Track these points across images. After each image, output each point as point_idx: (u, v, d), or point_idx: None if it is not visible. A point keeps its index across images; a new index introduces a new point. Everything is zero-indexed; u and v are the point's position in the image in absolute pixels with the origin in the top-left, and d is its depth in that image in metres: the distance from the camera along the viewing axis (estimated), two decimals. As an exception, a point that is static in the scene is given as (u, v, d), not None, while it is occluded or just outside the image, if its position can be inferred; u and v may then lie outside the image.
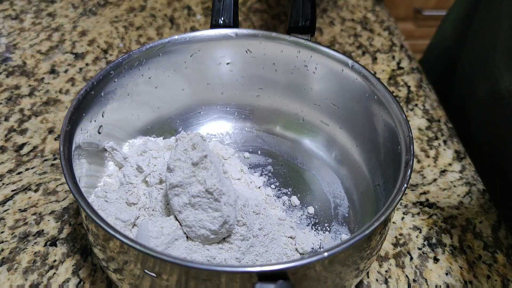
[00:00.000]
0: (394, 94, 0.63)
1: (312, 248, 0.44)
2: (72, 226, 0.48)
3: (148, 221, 0.40)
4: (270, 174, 0.51)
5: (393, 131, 0.42)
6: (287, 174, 0.51)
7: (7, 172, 0.52)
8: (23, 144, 0.55)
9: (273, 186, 0.50)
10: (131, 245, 0.32)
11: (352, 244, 0.33)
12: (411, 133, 0.40)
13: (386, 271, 0.46)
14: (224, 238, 0.40)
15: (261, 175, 0.51)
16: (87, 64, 0.65)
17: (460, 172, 0.55)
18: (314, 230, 0.46)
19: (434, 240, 0.48)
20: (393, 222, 0.49)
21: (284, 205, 0.48)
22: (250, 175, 0.49)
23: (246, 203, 0.41)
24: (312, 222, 0.47)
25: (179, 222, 0.40)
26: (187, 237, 0.40)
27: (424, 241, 0.48)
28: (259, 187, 0.48)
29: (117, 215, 0.41)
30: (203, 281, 0.33)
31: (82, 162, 0.42)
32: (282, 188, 0.49)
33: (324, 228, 0.46)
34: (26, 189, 0.50)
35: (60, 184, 0.51)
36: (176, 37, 0.47)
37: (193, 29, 0.72)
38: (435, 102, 0.63)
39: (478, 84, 0.59)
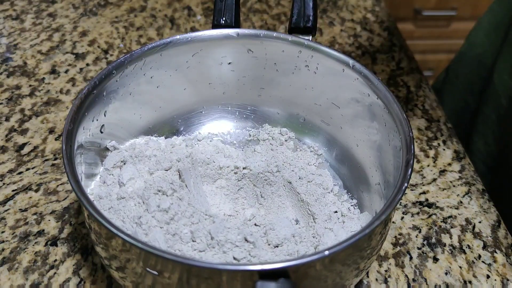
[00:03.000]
0: (393, 94, 0.63)
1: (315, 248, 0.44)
2: (72, 226, 0.48)
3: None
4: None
5: (393, 131, 0.42)
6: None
7: (7, 172, 0.52)
8: (24, 144, 0.55)
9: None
10: (134, 243, 0.32)
11: (353, 243, 0.33)
12: (412, 133, 0.40)
13: (385, 271, 0.46)
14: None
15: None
16: (87, 65, 0.65)
17: (460, 172, 0.55)
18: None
19: (433, 240, 0.49)
20: (393, 222, 0.50)
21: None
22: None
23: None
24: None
25: None
26: None
27: (424, 240, 0.48)
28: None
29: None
30: (205, 279, 0.33)
31: (84, 161, 0.42)
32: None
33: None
34: (26, 189, 0.50)
35: (61, 184, 0.51)
36: (178, 36, 0.47)
37: (193, 29, 0.72)
38: (434, 102, 0.63)
39: None
